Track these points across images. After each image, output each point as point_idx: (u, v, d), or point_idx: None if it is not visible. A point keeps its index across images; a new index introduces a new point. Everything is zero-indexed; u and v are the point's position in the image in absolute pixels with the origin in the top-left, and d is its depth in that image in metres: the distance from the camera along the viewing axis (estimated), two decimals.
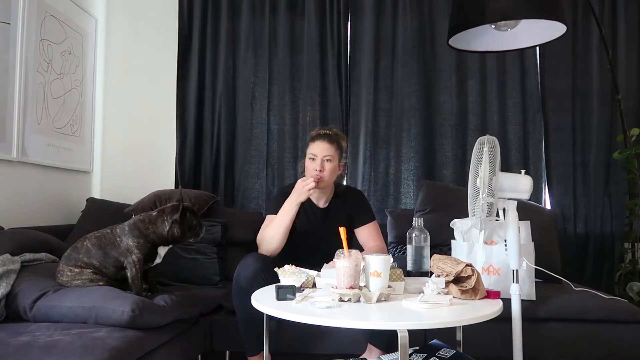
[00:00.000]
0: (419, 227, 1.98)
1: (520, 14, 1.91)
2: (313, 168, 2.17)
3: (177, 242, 1.98)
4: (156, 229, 1.91)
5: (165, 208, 1.96)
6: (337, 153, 2.21)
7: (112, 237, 1.91)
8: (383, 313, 1.44)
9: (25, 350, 1.45)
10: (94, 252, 1.90)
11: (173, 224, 1.91)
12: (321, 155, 2.16)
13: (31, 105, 2.62)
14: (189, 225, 1.94)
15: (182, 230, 1.93)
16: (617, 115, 3.00)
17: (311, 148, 2.21)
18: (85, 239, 1.95)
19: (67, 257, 1.93)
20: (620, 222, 3.06)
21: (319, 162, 2.16)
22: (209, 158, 3.23)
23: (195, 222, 1.97)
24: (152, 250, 1.92)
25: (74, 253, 1.92)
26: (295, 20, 3.25)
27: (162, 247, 1.96)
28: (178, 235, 1.93)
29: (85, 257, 1.90)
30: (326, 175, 2.18)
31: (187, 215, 1.94)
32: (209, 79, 3.25)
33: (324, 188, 2.22)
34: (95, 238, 1.94)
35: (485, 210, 1.76)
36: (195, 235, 1.98)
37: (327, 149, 2.18)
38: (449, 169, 3.17)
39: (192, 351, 2.13)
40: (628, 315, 2.09)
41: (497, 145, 1.80)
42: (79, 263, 1.90)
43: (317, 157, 2.17)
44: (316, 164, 2.16)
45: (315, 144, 2.21)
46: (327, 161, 2.17)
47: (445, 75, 3.18)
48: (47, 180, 2.81)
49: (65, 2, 2.92)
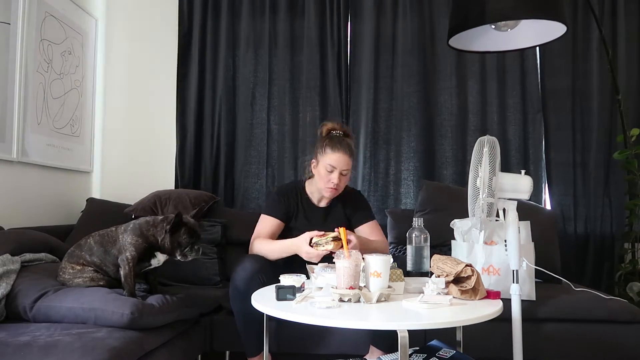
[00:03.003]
0: (419, 227, 1.98)
1: (520, 14, 1.91)
2: (329, 180, 2.10)
3: (168, 254, 1.90)
4: (155, 233, 1.88)
5: (169, 215, 1.91)
6: (351, 163, 2.15)
7: (114, 235, 1.91)
8: (383, 313, 1.44)
9: (25, 350, 1.45)
10: (96, 249, 1.90)
11: (165, 233, 1.85)
12: (340, 169, 2.09)
13: (31, 106, 2.62)
14: (178, 241, 1.85)
15: (172, 244, 1.85)
16: (617, 116, 3.00)
17: (330, 158, 2.09)
18: (90, 236, 1.95)
19: (70, 254, 1.94)
20: (620, 222, 3.06)
21: (337, 176, 2.09)
22: (209, 158, 3.23)
23: (185, 242, 1.85)
24: (149, 251, 1.89)
25: (77, 250, 1.93)
26: (295, 21, 3.25)
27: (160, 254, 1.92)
28: (168, 247, 1.86)
29: (87, 255, 1.90)
30: (341, 187, 2.15)
31: (180, 230, 1.85)
32: (209, 79, 3.25)
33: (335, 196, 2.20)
34: (99, 236, 1.94)
35: (485, 211, 1.76)
36: (182, 255, 1.87)
37: (346, 163, 2.10)
38: (449, 169, 3.17)
39: (192, 351, 2.13)
40: (628, 315, 2.09)
41: (497, 146, 1.80)
42: (81, 260, 1.90)
43: (336, 170, 2.09)
44: (334, 176, 2.09)
45: (336, 155, 2.09)
46: (344, 175, 2.13)
47: (445, 76, 3.18)
48: (47, 180, 2.81)
49: (65, 2, 2.92)
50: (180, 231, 1.86)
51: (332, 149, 2.10)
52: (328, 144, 2.12)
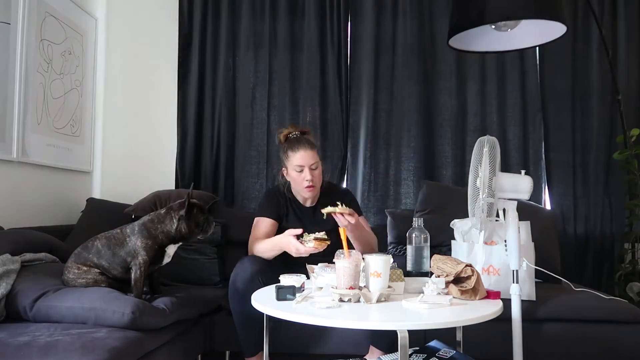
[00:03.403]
0: (419, 227, 1.98)
1: (520, 14, 1.91)
2: (303, 179, 2.13)
3: (185, 239, 1.95)
4: (165, 228, 1.89)
5: (173, 205, 1.94)
6: (318, 155, 2.18)
7: (121, 237, 1.91)
8: (383, 313, 1.44)
9: (25, 350, 1.45)
10: (104, 252, 1.90)
11: (180, 220, 1.88)
12: (307, 164, 2.12)
13: (31, 106, 2.62)
14: (195, 221, 1.91)
15: (189, 227, 1.90)
16: (617, 116, 3.00)
17: (294, 159, 2.14)
18: (96, 238, 1.95)
19: (77, 255, 1.93)
20: (620, 222, 3.06)
21: (308, 172, 2.12)
22: (209, 158, 3.23)
23: (202, 219, 1.93)
24: (160, 251, 1.91)
25: (84, 252, 1.93)
26: (295, 21, 3.25)
27: (172, 245, 1.94)
28: (185, 232, 1.90)
29: (95, 258, 1.90)
30: (316, 182, 2.17)
31: (193, 211, 1.92)
32: (209, 79, 3.25)
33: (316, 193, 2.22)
34: (105, 238, 1.93)
35: (485, 211, 1.76)
36: (203, 232, 1.94)
37: (311, 157, 2.13)
38: (449, 169, 3.17)
39: (192, 351, 2.13)
40: (628, 315, 2.09)
41: (497, 146, 1.80)
42: (88, 262, 1.90)
43: (305, 168, 2.12)
44: (306, 174, 2.12)
45: (298, 154, 2.13)
46: (314, 169, 2.15)
47: (445, 76, 3.19)
48: (47, 180, 2.81)
49: (65, 2, 2.92)
50: (193, 212, 1.92)
51: (293, 150, 2.15)
52: (288, 148, 2.18)
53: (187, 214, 1.89)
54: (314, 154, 2.15)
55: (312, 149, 2.16)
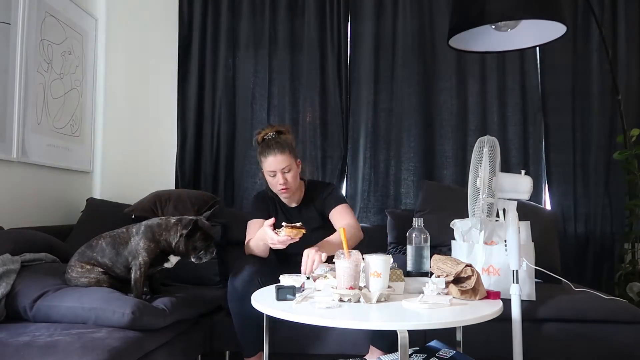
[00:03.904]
0: (419, 227, 1.98)
1: (520, 14, 1.91)
2: (277, 183, 2.12)
3: (182, 256, 1.93)
4: (168, 237, 1.88)
5: (184, 219, 1.92)
6: (291, 157, 2.14)
7: (126, 236, 1.91)
8: (383, 313, 1.44)
9: (25, 350, 1.45)
10: (108, 251, 1.90)
11: (180, 237, 1.87)
12: (278, 169, 2.10)
13: (31, 106, 2.62)
14: (193, 245, 1.88)
15: (187, 247, 1.88)
16: (617, 116, 3.00)
17: (265, 164, 2.13)
18: (101, 237, 1.95)
19: (80, 254, 1.94)
20: (620, 222, 3.06)
21: (280, 176, 2.11)
22: (209, 158, 3.23)
23: (202, 245, 1.89)
24: (162, 256, 1.90)
25: (89, 251, 1.93)
26: (295, 21, 3.25)
27: (173, 256, 1.93)
28: (182, 250, 1.88)
29: (99, 256, 1.91)
30: (291, 184, 2.14)
31: (196, 234, 1.88)
32: (209, 79, 3.25)
33: (293, 194, 2.21)
34: (110, 237, 1.93)
35: (485, 211, 1.76)
36: (197, 258, 1.90)
37: (281, 161, 2.10)
38: (449, 169, 3.16)
39: (192, 351, 2.13)
40: (628, 315, 2.09)
41: (497, 146, 1.80)
42: (92, 261, 1.90)
43: (276, 172, 2.11)
44: (278, 178, 2.11)
45: (267, 160, 2.11)
46: (287, 172, 2.12)
47: (445, 76, 3.18)
48: (47, 181, 2.81)
49: (65, 2, 2.92)
50: (195, 235, 1.88)
51: (264, 155, 2.13)
52: (260, 152, 2.16)
53: (189, 235, 1.87)
54: (285, 157, 2.11)
55: (283, 152, 2.10)
